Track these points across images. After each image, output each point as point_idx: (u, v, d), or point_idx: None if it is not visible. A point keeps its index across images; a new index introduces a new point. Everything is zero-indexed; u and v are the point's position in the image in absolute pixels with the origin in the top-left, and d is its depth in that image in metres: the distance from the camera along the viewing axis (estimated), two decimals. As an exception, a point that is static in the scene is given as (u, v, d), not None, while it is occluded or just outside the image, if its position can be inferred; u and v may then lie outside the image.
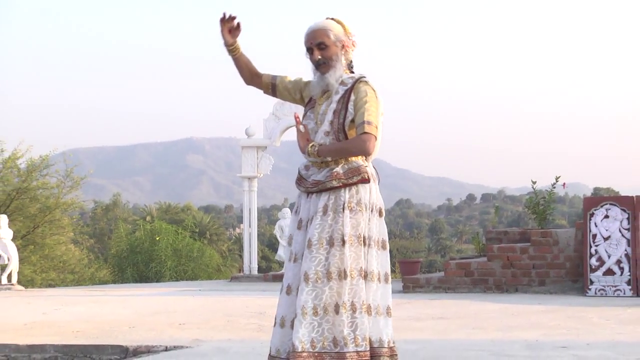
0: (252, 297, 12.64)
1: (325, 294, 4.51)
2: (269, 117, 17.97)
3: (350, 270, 4.55)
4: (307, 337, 4.49)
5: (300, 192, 4.86)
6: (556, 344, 7.17)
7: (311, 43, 4.80)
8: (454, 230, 78.33)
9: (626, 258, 12.20)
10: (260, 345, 7.46)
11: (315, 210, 4.68)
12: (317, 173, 4.75)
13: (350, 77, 4.81)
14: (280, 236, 17.53)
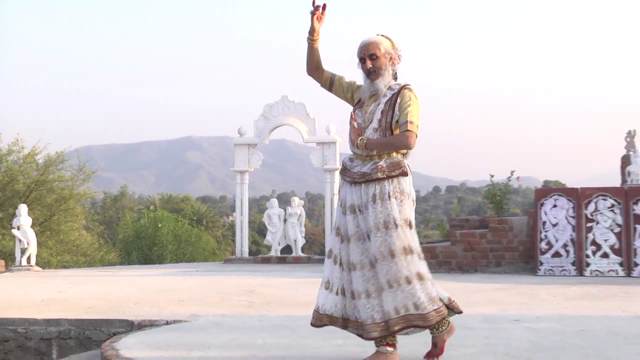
0: (244, 277, 12.62)
1: (393, 270, 4.78)
2: (258, 118, 17.96)
3: (409, 247, 4.84)
4: (390, 307, 4.76)
5: (344, 181, 5.09)
6: (510, 318, 7.20)
7: (364, 54, 5.04)
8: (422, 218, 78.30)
9: (571, 242, 12.24)
10: (251, 319, 7.46)
11: (367, 199, 4.91)
12: (362, 165, 4.99)
13: (397, 83, 5.05)
14: (268, 223, 17.50)
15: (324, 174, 17.64)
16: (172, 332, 6.67)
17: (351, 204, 4.99)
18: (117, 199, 51.43)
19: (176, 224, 28.30)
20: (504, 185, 14.36)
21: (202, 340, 6.16)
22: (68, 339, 7.58)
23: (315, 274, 13.33)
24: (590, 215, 12.15)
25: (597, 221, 12.14)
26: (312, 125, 17.64)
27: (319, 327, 5.15)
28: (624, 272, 11.89)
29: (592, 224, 12.14)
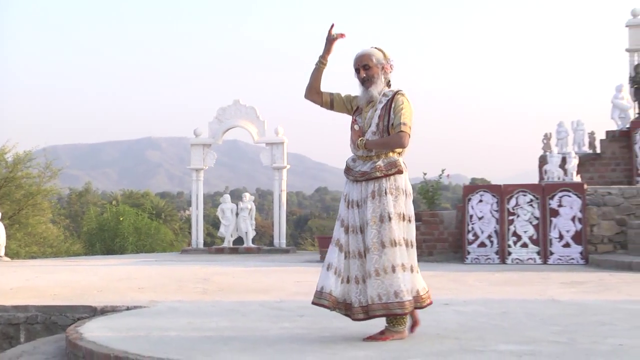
0: (199, 266, 12.55)
1: (382, 259, 4.97)
2: (213, 120, 17.89)
3: (398, 239, 5.01)
4: (374, 293, 4.97)
5: (348, 179, 5.24)
6: (441, 302, 7.27)
7: (358, 65, 5.19)
8: (362, 212, 78.57)
9: (495, 233, 12.41)
10: (205, 305, 7.42)
11: (367, 195, 5.08)
12: (363, 165, 5.15)
13: (390, 90, 5.19)
14: (221, 217, 17.42)
15: (272, 171, 17.65)
16: (132, 317, 6.61)
17: (353, 199, 5.17)
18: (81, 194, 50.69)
19: (137, 218, 28.03)
20: (436, 182, 14.49)
21: (160, 324, 6.11)
22: (35, 323, 7.46)
23: (264, 263, 13.31)
24: (512, 209, 12.33)
25: (517, 214, 12.32)
26: (261, 127, 17.64)
27: (318, 306, 5.18)
28: (541, 260, 12.10)
29: (514, 217, 12.32)
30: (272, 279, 10.21)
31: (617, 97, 15.29)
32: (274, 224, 17.72)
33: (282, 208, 17.47)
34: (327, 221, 51.85)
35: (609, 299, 7.55)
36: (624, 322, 5.88)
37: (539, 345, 4.96)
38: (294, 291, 8.61)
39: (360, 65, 5.20)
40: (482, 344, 5.01)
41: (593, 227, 12.31)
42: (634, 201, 12.40)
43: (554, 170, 13.28)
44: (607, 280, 9.29)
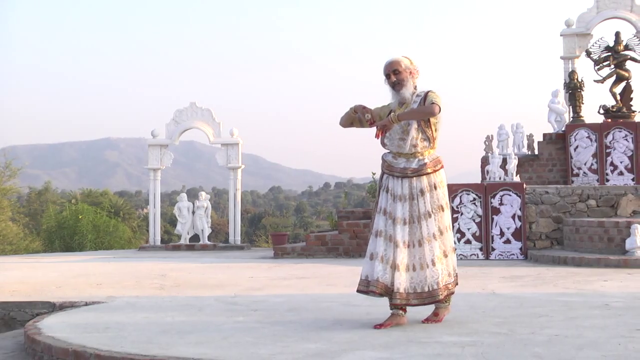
0: (156, 263, 12.43)
1: (438, 248, 5.39)
2: (170, 122, 17.76)
3: (449, 225, 5.49)
4: (437, 278, 5.39)
5: (391, 175, 5.48)
6: (388, 296, 7.31)
7: (388, 70, 5.46)
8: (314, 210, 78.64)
9: (441, 231, 12.52)
10: (162, 300, 7.36)
11: (419, 190, 5.40)
12: (407, 162, 5.44)
13: (422, 90, 5.48)
14: (178, 215, 17.27)
15: (228, 171, 17.57)
16: (90, 312, 6.52)
17: (401, 193, 5.41)
18: (41, 193, 49.76)
19: (95, 216, 27.62)
20: (384, 182, 14.58)
21: (118, 319, 6.04)
22: (-6, 319, 7.31)
23: (219, 259, 13.24)
24: (456, 208, 12.45)
25: (461, 212, 12.45)
26: (217, 129, 17.57)
27: (364, 294, 5.50)
28: (483, 256, 12.24)
29: (458, 215, 12.45)
30: (227, 274, 10.17)
31: (553, 101, 15.56)
32: (229, 222, 17.64)
33: (237, 206, 17.41)
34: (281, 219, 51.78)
35: (545, 292, 7.68)
36: (559, 314, 5.99)
37: (481, 336, 5.02)
38: (248, 286, 8.58)
39: (390, 71, 5.45)
40: (427, 336, 5.06)
41: (532, 225, 12.50)
42: (569, 200, 12.63)
43: (495, 170, 13.44)
44: (544, 275, 9.45)
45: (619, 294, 7.36)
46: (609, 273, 9.54)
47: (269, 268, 11.12)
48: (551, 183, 14.75)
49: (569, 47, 15.92)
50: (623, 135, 14.68)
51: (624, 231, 10.94)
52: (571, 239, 11.88)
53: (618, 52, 15.41)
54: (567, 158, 14.97)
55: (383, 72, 5.51)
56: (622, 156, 14.64)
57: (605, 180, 14.55)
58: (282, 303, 6.94)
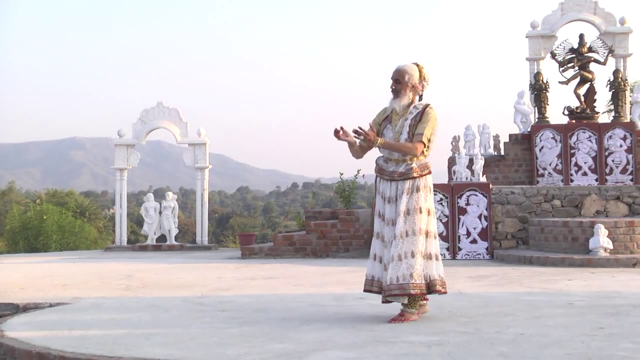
0: (123, 263, 12.32)
1: (404, 245, 5.53)
2: (136, 121, 17.61)
3: (421, 229, 5.60)
4: (394, 275, 5.52)
5: (381, 178, 5.79)
6: (356, 296, 7.33)
7: (393, 76, 5.77)
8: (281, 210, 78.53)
9: (408, 231, 12.57)
10: (128, 301, 7.29)
11: (402, 191, 5.64)
12: (397, 166, 5.71)
13: (420, 103, 5.76)
14: (145, 215, 17.14)
15: (195, 171, 17.48)
16: (55, 313, 6.44)
17: (389, 195, 5.71)
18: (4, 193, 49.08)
19: (60, 216, 27.30)
20: (352, 181, 14.61)
21: (83, 320, 5.98)
22: (-44, 322, 7.18)
23: (186, 259, 13.17)
24: (423, 208, 12.48)
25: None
26: (184, 129, 17.47)
27: (369, 292, 5.82)
28: (450, 256, 12.32)
29: (425, 215, 12.48)
30: (194, 275, 10.11)
31: (519, 102, 15.71)
32: (197, 222, 17.55)
33: (204, 207, 17.32)
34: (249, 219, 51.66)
35: (511, 291, 7.76)
36: (524, 313, 6.05)
37: (447, 335, 5.05)
38: (216, 287, 8.55)
39: (393, 78, 5.77)
40: (394, 335, 5.08)
41: (498, 224, 12.61)
42: (535, 200, 12.77)
43: (462, 170, 13.54)
44: (510, 274, 9.54)
45: (583, 293, 7.46)
46: (573, 272, 9.66)
47: (237, 268, 11.09)
48: (517, 183, 14.89)
49: (534, 48, 16.09)
50: (587, 136, 14.87)
51: (587, 231, 11.08)
52: (536, 239, 12.01)
53: (582, 54, 15.62)
54: (533, 158, 15.13)
55: (391, 77, 5.80)
56: (586, 157, 14.84)
57: (570, 180, 14.73)
58: (249, 303, 6.92)
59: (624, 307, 6.38)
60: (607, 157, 14.75)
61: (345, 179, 14.59)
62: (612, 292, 7.56)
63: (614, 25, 15.81)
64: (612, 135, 14.82)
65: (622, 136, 14.79)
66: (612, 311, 6.12)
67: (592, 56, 15.70)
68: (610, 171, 14.71)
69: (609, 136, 14.81)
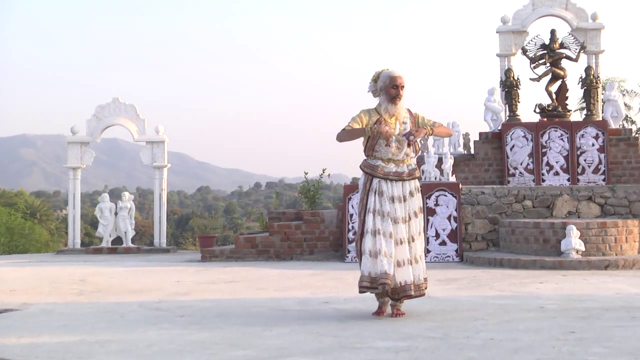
0: (76, 267, 12.18)
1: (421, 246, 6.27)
2: (91, 118, 17.44)
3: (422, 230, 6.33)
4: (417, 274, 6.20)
5: (383, 179, 6.20)
6: (321, 300, 7.35)
7: (400, 83, 6.28)
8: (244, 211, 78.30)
9: (375, 232, 12.60)
10: (81, 307, 7.22)
11: (408, 192, 6.24)
12: (398, 167, 6.25)
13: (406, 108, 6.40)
14: (100, 216, 16.96)
15: (153, 170, 17.35)
16: (2, 320, 6.34)
17: (399, 194, 6.20)
18: (-51, 193, 48.35)
19: (9, 217, 26.94)
20: (317, 181, 14.61)
21: (32, 327, 5.90)
22: None
23: (144, 263, 13.07)
24: (391, 209, 12.53)
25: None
26: (142, 126, 17.34)
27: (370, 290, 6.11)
28: (418, 258, 12.34)
29: (392, 216, 12.53)
30: (151, 279, 10.04)
31: (489, 99, 15.83)
32: (154, 224, 17.42)
33: (162, 207, 17.21)
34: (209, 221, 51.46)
35: (481, 294, 7.83)
36: (494, 317, 6.11)
37: (415, 341, 5.08)
38: (174, 291, 8.49)
39: (400, 85, 6.28)
40: (360, 341, 5.09)
41: (467, 226, 12.71)
42: (505, 200, 12.90)
43: (431, 170, 13.62)
44: (479, 277, 9.62)
45: (554, 296, 7.55)
46: (544, 275, 9.78)
47: (197, 272, 11.03)
48: (487, 183, 15.02)
49: (505, 44, 16.24)
50: (559, 135, 15.05)
51: (559, 232, 11.22)
52: (507, 241, 12.13)
53: (553, 50, 15.79)
54: (504, 157, 15.26)
55: (393, 81, 6.27)
56: (557, 156, 15.00)
57: (541, 180, 14.89)
58: (209, 308, 6.89)
59: (596, 310, 6.48)
60: (579, 157, 14.92)
61: (310, 179, 14.60)
62: (583, 295, 7.67)
63: (585, 22, 16.00)
64: (584, 134, 15.00)
65: (594, 135, 14.98)
66: (583, 315, 6.21)
67: (563, 53, 15.87)
68: (582, 171, 14.88)
69: (580, 135, 14.99)
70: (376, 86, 6.48)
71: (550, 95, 15.95)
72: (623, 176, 15.03)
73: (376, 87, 6.48)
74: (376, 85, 6.48)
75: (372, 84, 6.53)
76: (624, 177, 15.02)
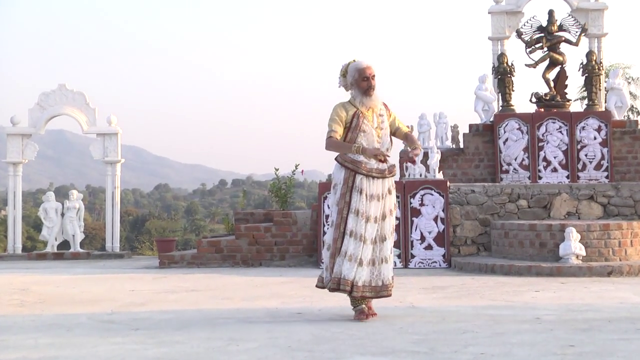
0: (16, 275, 12.08)
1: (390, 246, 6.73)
2: (34, 107, 17.32)
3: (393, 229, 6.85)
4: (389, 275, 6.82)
5: (363, 175, 6.56)
6: (292, 311, 7.35)
7: (370, 74, 6.63)
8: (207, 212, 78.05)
9: (353, 235, 12.61)
10: (23, 319, 7.16)
11: (385, 190, 6.65)
12: (378, 164, 6.61)
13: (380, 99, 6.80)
14: (44, 217, 16.85)
15: (105, 166, 17.27)
16: None
17: (375, 193, 6.57)
18: None
19: (-60, 219, 26.69)
20: (289, 178, 14.59)
21: (-32, 343, 5.84)
22: None
23: (94, 270, 13.00)
24: (371, 209, 12.55)
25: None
26: (92, 116, 17.23)
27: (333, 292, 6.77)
28: (401, 264, 12.41)
29: (373, 217, 12.55)
30: (103, 288, 9.99)
31: (480, 88, 15.87)
32: (106, 226, 17.35)
33: (115, 207, 17.14)
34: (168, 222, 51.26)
35: (471, 304, 7.87)
36: (485, 329, 6.14)
37: (397, 355, 5.10)
38: (128, 301, 8.46)
39: (371, 75, 6.62)
40: (336, 357, 5.10)
41: (456, 228, 12.77)
42: (498, 200, 12.98)
43: (416, 166, 13.67)
44: (469, 285, 9.67)
45: (551, 306, 7.61)
46: (540, 282, 9.85)
47: (154, 279, 11.00)
48: (478, 181, 15.09)
49: (498, 26, 16.31)
50: (557, 127, 15.13)
51: (557, 235, 11.31)
52: (500, 245, 12.21)
53: (551, 33, 15.87)
54: (496, 152, 15.34)
55: (362, 73, 6.61)
56: (556, 150, 15.07)
57: (538, 177, 14.98)
58: (168, 320, 6.87)
59: (597, 321, 6.54)
60: (580, 151, 15.00)
61: (281, 176, 14.58)
62: (584, 304, 7.73)
63: (587, 1, 16.09)
64: (585, 126, 15.09)
65: (596, 127, 15.08)
66: (583, 326, 6.26)
67: (562, 36, 15.97)
68: (583, 167, 14.98)
69: (581, 127, 15.08)
70: (346, 81, 6.75)
71: (547, 83, 16.04)
72: (628, 173, 15.16)
73: (346, 82, 6.75)
74: (346, 79, 6.75)
75: (341, 79, 6.80)
76: (628, 174, 15.15)
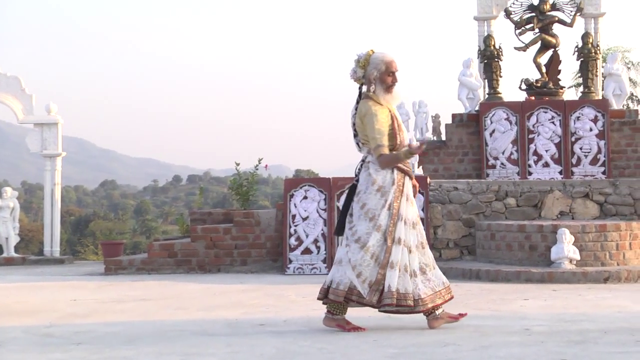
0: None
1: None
2: (-37, 92, 17.20)
3: None
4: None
5: (409, 177, 6.79)
6: (255, 322, 7.35)
7: (396, 69, 6.71)
8: (159, 211, 77.70)
9: (322, 237, 12.65)
10: (-50, 333, 7.10)
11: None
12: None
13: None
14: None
15: (43, 160, 17.15)
16: None
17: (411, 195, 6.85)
18: None
19: None
20: (251, 174, 14.52)
21: None
22: None
23: (31, 277, 12.91)
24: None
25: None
26: (28, 103, 17.10)
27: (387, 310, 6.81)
28: (377, 269, 12.41)
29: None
30: (40, 297, 9.93)
31: (464, 74, 15.85)
32: (45, 227, 17.25)
33: (55, 206, 17.04)
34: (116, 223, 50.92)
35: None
36: (469, 342, 6.18)
37: (372, 371, 5.11)
38: (70, 312, 8.42)
39: (397, 70, 6.74)
40: (303, 373, 5.11)
41: (437, 229, 12.82)
42: (483, 198, 13.03)
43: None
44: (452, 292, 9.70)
45: (542, 316, 7.67)
46: (530, 289, 9.92)
47: (99, 288, 10.95)
48: (461, 177, 15.14)
49: (484, 5, 16.35)
50: (549, 117, 15.19)
51: (549, 237, 11.39)
52: (485, 248, 12.28)
53: (544, 13, 15.92)
54: (482, 145, 15.37)
55: (389, 67, 6.67)
56: (547, 143, 15.12)
57: (528, 173, 15.02)
58: (115, 333, 6.85)
59: (593, 333, 6.60)
60: (574, 144, 15.06)
61: (242, 171, 14.54)
62: (578, 314, 7.80)
63: (583, -23, 16.17)
64: (580, 116, 15.15)
65: (593, 117, 15.15)
66: (577, 338, 6.31)
67: (556, 16, 16.04)
68: (577, 162, 15.03)
69: (576, 117, 15.15)
70: (365, 72, 6.71)
71: (539, 68, 16.12)
72: (627, 168, 15.27)
73: (366, 74, 6.71)
74: (365, 71, 6.71)
75: (358, 70, 6.74)
76: (628, 169, 15.26)
